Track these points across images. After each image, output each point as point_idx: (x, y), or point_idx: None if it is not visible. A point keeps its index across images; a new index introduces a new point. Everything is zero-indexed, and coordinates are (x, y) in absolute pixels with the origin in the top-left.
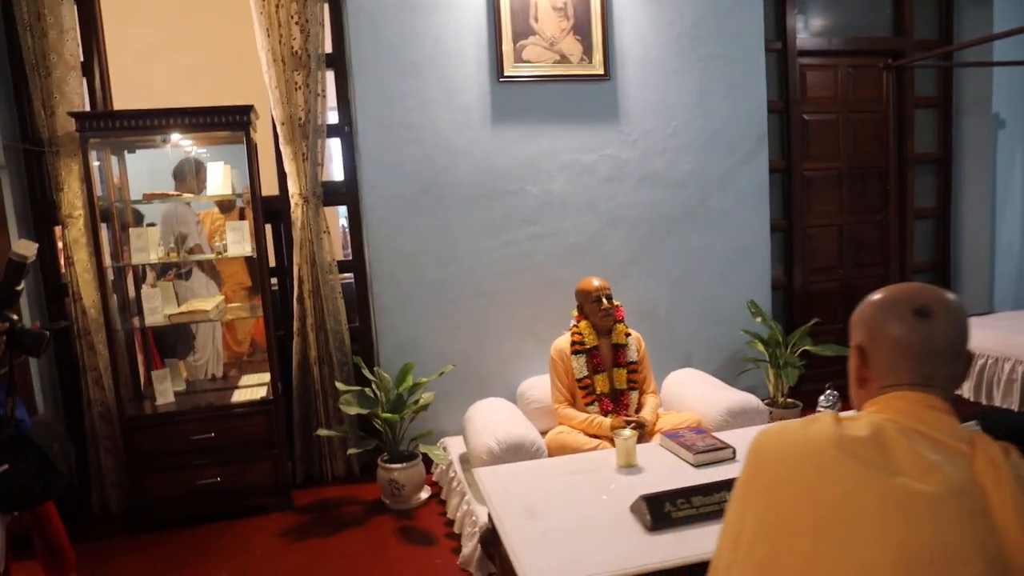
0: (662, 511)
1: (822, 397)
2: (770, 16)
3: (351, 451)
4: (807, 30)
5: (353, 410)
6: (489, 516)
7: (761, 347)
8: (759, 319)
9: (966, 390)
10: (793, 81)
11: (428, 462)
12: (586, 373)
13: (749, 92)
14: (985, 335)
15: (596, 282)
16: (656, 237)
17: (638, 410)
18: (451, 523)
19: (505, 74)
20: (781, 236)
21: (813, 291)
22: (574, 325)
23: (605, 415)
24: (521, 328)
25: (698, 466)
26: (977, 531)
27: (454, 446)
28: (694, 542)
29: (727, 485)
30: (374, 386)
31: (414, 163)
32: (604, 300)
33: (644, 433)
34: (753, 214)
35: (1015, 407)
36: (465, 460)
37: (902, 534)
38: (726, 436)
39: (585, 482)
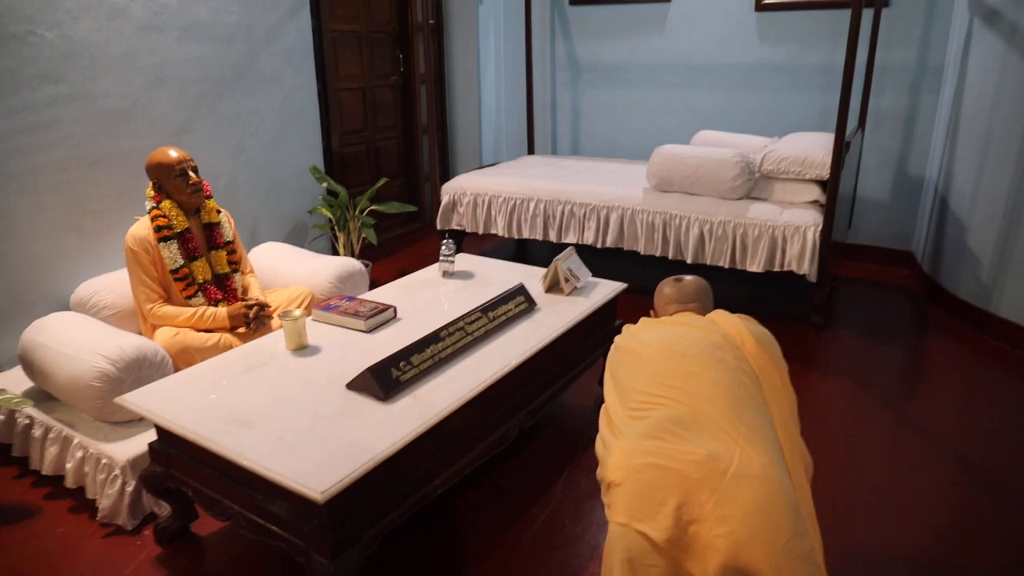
0: (391, 378)
1: (443, 247)
2: None
3: None
4: None
5: None
6: (155, 447)
7: (327, 212)
8: (324, 184)
9: (498, 228)
10: None
11: None
12: (182, 262)
13: None
14: (508, 181)
15: (174, 153)
16: (208, 100)
17: (246, 294)
18: (48, 481)
19: None
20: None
21: (347, 154)
22: (154, 208)
23: (214, 305)
24: (59, 223)
25: (370, 331)
26: (724, 341)
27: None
28: (429, 396)
29: (433, 339)
30: None
31: None
32: (191, 173)
33: (266, 316)
34: (301, 75)
35: (539, 237)
36: (42, 398)
37: (702, 341)
38: None
39: (269, 376)
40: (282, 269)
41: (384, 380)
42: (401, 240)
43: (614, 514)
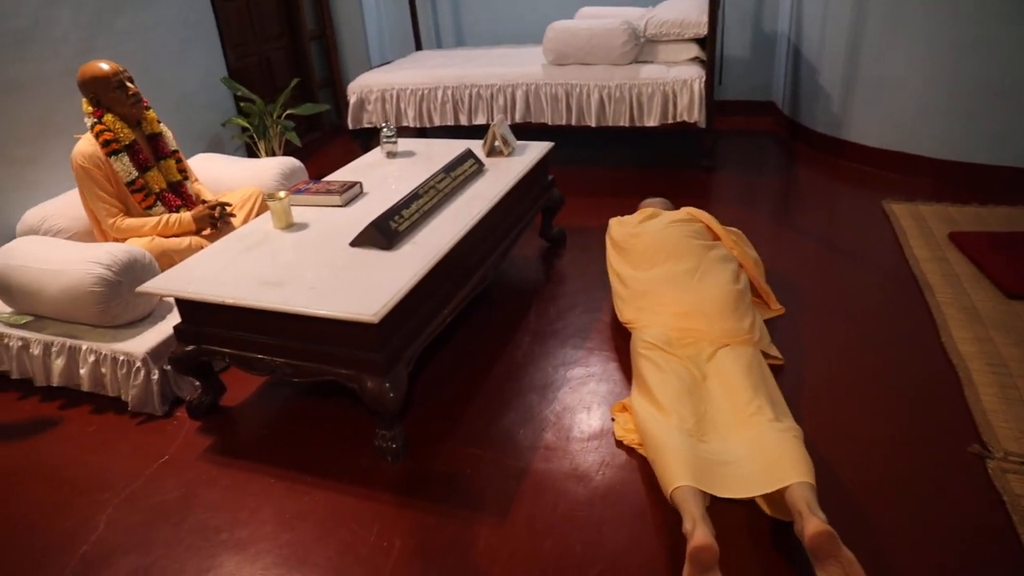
0: (391, 229)
1: (384, 129)
2: None
3: None
4: None
5: None
6: (181, 328)
7: (243, 122)
8: (239, 93)
9: (408, 119)
10: None
11: None
12: (136, 173)
13: None
14: (411, 74)
15: (106, 65)
16: (105, 17)
17: (199, 199)
18: (56, 394)
19: None
20: None
21: (241, 67)
22: (96, 123)
23: (175, 212)
24: None
25: (345, 204)
26: (694, 228)
27: None
28: (427, 240)
29: (414, 197)
30: None
31: None
32: (128, 84)
33: (230, 214)
34: None
35: (450, 122)
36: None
37: (676, 234)
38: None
39: (272, 249)
40: (222, 176)
41: (386, 231)
42: (308, 148)
43: (646, 326)
